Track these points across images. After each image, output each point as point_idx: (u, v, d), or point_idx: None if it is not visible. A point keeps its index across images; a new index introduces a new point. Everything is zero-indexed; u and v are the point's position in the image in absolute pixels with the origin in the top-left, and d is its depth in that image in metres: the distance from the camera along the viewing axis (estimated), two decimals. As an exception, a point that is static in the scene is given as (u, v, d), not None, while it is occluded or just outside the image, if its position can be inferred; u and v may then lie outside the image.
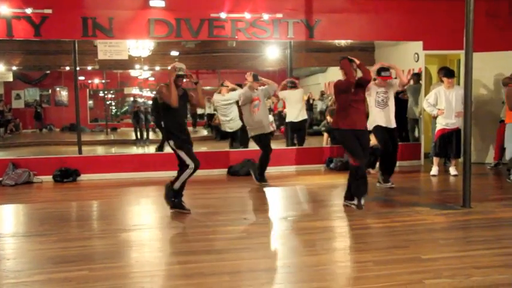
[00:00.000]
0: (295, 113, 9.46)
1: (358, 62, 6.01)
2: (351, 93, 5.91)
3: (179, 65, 5.82)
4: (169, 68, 5.87)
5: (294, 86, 9.43)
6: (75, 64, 8.76)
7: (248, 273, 3.94)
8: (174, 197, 5.94)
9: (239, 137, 9.70)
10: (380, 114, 7.00)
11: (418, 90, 9.38)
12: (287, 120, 9.63)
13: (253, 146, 8.78)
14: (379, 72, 6.98)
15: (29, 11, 7.98)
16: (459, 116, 7.51)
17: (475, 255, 4.19)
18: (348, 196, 6.01)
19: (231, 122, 9.46)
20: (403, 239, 4.72)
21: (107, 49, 8.50)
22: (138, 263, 4.27)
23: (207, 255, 4.39)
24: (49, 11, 8.02)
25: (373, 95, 7.04)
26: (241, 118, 8.58)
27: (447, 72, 7.93)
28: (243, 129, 9.00)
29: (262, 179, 7.65)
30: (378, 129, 6.99)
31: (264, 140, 7.62)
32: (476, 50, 7.90)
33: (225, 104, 9.24)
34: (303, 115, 9.60)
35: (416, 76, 9.49)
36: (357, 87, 5.96)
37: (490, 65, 8.30)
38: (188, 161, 5.77)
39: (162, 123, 6.22)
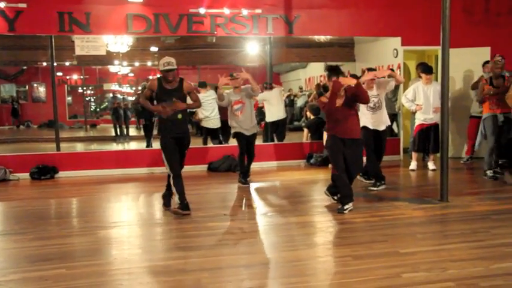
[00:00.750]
0: (275, 112, 9.54)
1: (354, 82, 5.48)
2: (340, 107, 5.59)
3: (167, 59, 5.44)
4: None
5: (270, 87, 9.52)
6: (52, 60, 8.61)
7: (228, 269, 3.94)
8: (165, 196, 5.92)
9: (219, 135, 9.78)
10: (369, 116, 6.74)
11: (396, 85, 9.45)
12: (268, 120, 9.70)
13: (233, 142, 8.79)
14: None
15: (2, 5, 7.81)
16: (437, 111, 7.57)
17: (451, 249, 4.25)
18: (331, 190, 5.95)
19: (211, 118, 9.47)
20: (382, 234, 4.76)
21: (84, 44, 8.37)
22: (117, 261, 4.23)
23: (187, 251, 4.38)
24: (23, 5, 7.85)
25: None
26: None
27: (425, 68, 8.01)
28: (224, 126, 9.14)
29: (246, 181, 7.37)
30: (363, 131, 6.57)
31: (242, 140, 7.29)
32: (453, 46, 7.98)
33: (205, 100, 9.24)
34: (283, 113, 9.75)
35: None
36: (351, 102, 5.62)
37: (466, 61, 8.40)
38: (167, 167, 5.59)
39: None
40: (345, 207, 5.53)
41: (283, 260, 4.13)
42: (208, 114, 9.54)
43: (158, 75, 5.61)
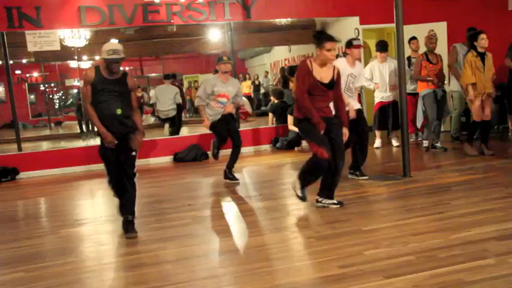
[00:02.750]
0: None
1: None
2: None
3: (112, 45, 4.47)
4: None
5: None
6: (7, 57, 8.32)
7: (191, 259, 3.89)
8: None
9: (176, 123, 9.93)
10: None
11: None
12: None
13: (199, 130, 8.76)
14: (350, 42, 5.87)
15: None
16: (394, 89, 7.67)
17: (412, 223, 4.31)
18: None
19: (165, 110, 9.70)
20: (345, 213, 4.79)
21: (36, 40, 8.09)
22: (79, 259, 4.14)
23: (150, 244, 4.32)
24: (-33, 1, 7.57)
25: (343, 78, 5.58)
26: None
27: (379, 46, 8.05)
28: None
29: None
30: None
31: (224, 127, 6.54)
32: (409, 22, 8.07)
33: (164, 93, 9.42)
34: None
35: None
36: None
37: (422, 37, 8.42)
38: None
39: None
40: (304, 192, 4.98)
41: (247, 246, 4.12)
42: (165, 108, 9.57)
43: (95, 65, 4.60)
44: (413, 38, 8.25)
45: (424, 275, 3.21)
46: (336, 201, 5.02)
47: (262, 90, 16.28)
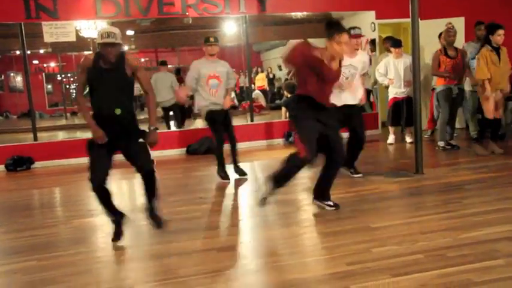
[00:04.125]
0: None
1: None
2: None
3: (108, 29, 3.96)
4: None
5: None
6: (24, 48, 8.43)
7: (200, 252, 3.92)
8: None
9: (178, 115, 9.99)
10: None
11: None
12: None
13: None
14: (348, 31, 5.38)
15: (-38, -7, 7.63)
16: (408, 85, 7.59)
17: (422, 221, 4.28)
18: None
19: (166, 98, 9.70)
20: (355, 209, 4.77)
21: (52, 31, 8.19)
22: (90, 249, 4.20)
23: (160, 237, 4.34)
24: (-14, -7, 7.67)
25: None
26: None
27: (394, 42, 7.98)
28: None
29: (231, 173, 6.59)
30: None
31: (218, 120, 6.21)
32: (426, 17, 7.99)
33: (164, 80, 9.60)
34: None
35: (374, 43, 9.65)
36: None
37: (438, 33, 8.33)
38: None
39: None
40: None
41: (256, 241, 4.14)
42: (164, 97, 9.60)
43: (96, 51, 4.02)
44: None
45: (432, 274, 3.20)
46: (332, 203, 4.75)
47: (276, 84, 16.24)
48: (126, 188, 6.70)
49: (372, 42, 9.68)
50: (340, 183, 5.78)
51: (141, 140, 4.08)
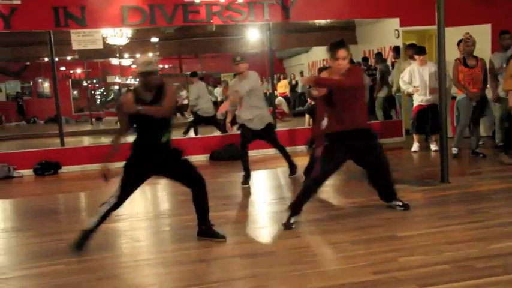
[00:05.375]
0: None
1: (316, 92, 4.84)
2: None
3: (146, 58, 4.33)
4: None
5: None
6: (52, 55, 8.61)
7: (224, 259, 3.93)
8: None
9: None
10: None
11: (385, 70, 9.68)
12: None
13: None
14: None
15: (-5, 2, 7.84)
16: (433, 92, 7.50)
17: (448, 231, 4.22)
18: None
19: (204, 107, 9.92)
20: (380, 218, 4.72)
21: (80, 39, 8.35)
22: (115, 254, 4.24)
23: (184, 243, 4.37)
24: (18, 1, 7.87)
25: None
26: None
27: (418, 50, 7.91)
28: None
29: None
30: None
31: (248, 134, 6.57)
32: (452, 24, 7.88)
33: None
34: None
35: (379, 56, 9.77)
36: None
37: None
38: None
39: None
40: (292, 220, 4.65)
41: (281, 248, 4.11)
42: (204, 105, 9.69)
43: (131, 88, 4.42)
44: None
45: (459, 285, 3.15)
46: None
47: (299, 90, 16.23)
48: (150, 194, 6.76)
49: (396, 49, 9.62)
50: (364, 191, 5.75)
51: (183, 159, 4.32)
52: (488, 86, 7.52)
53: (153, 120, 4.05)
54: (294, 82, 16.55)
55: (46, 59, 13.14)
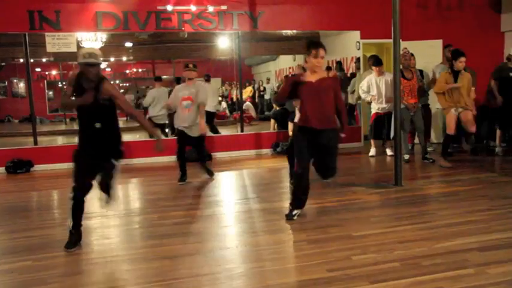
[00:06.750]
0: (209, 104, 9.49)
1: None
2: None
3: (89, 49, 4.07)
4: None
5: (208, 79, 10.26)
6: (27, 56, 8.40)
7: (188, 257, 3.90)
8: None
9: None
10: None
11: (343, 78, 9.99)
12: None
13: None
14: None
15: (-28, 4, 7.59)
16: (389, 101, 7.67)
17: (400, 231, 4.30)
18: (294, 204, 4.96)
19: (159, 115, 9.58)
20: (338, 218, 4.78)
21: (55, 42, 8.15)
22: (84, 251, 4.15)
23: (151, 240, 4.33)
24: (-7, 4, 7.64)
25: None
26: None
27: (374, 61, 8.07)
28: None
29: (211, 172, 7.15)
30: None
31: (189, 141, 6.81)
32: (407, 38, 8.09)
33: (159, 96, 9.58)
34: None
35: (339, 64, 9.98)
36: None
37: (420, 53, 8.44)
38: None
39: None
40: (294, 212, 4.84)
41: (242, 247, 4.12)
42: (157, 112, 9.47)
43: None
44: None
45: (407, 281, 3.21)
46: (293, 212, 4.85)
47: (266, 96, 16.28)
48: (121, 193, 6.66)
49: (357, 60, 9.78)
50: (324, 193, 5.82)
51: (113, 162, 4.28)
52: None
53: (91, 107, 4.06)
54: (262, 88, 16.58)
55: (21, 60, 12.79)
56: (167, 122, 9.49)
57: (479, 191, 5.65)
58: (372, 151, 8.44)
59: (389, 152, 8.30)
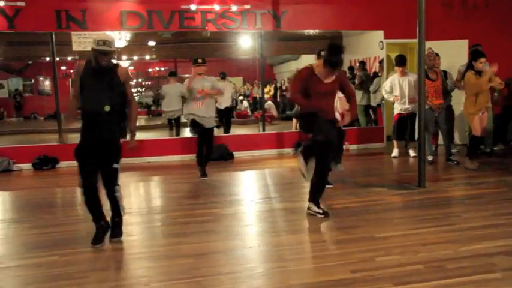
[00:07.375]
0: (223, 101, 9.79)
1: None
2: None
3: (103, 36, 4.04)
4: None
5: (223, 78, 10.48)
6: (53, 55, 8.57)
7: (211, 255, 3.91)
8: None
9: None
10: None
11: (364, 78, 9.87)
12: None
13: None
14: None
15: (1, 3, 7.76)
16: (413, 102, 7.57)
17: (423, 233, 4.25)
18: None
19: (176, 110, 9.75)
20: (360, 219, 4.75)
21: (81, 40, 8.31)
22: (107, 248, 4.21)
23: (175, 238, 4.36)
24: (22, 3, 7.81)
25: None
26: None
27: (398, 62, 7.97)
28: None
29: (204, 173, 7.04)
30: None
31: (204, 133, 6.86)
32: (432, 38, 7.96)
33: (173, 93, 9.65)
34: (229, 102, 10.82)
35: (362, 64, 9.84)
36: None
37: (445, 53, 8.32)
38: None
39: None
40: (316, 209, 4.89)
41: (265, 246, 4.12)
42: (171, 107, 9.62)
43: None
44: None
45: (432, 284, 3.17)
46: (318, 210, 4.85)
47: (288, 95, 16.24)
48: (143, 191, 6.74)
49: (381, 61, 9.67)
50: (347, 193, 5.80)
51: (115, 165, 4.23)
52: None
53: (102, 89, 4.04)
54: (284, 87, 16.56)
55: (48, 59, 13.01)
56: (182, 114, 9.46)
57: (504, 194, 5.54)
58: (395, 152, 8.35)
59: (412, 153, 8.20)
